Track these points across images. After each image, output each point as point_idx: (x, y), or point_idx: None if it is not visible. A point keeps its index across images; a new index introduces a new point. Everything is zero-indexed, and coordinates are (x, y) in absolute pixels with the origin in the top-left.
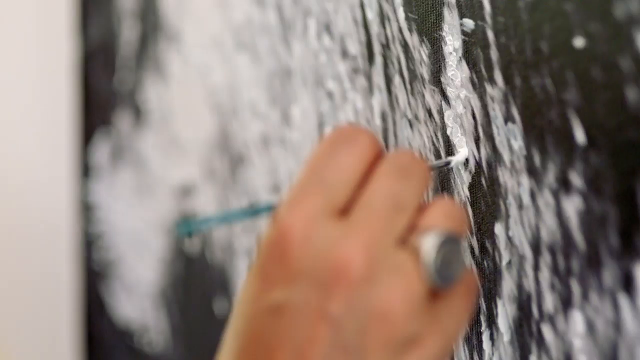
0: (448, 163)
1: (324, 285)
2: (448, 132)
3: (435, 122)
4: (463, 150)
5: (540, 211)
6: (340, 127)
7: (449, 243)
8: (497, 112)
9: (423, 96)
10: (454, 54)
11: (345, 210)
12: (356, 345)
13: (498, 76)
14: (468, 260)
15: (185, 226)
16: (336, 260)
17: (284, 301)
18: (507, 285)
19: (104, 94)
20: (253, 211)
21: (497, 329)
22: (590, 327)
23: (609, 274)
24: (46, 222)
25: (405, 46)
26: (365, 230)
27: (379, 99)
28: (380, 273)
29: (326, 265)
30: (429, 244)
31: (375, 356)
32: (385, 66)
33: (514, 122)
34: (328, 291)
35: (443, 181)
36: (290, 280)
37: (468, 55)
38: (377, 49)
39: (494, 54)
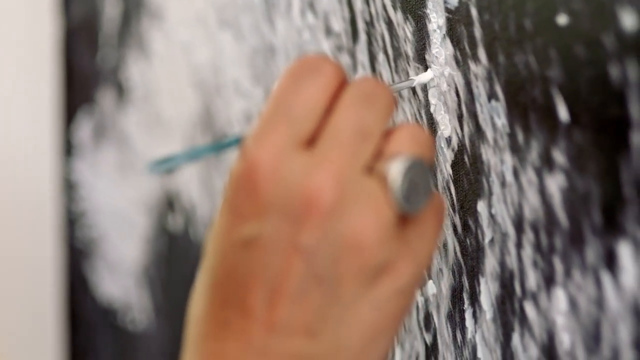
0: (411, 82)
1: (295, 217)
2: (431, 109)
3: (419, 100)
4: (428, 71)
5: (523, 189)
6: (303, 58)
7: (415, 167)
8: (480, 89)
9: (407, 74)
10: (438, 31)
11: (311, 141)
12: (329, 275)
13: (482, 54)
14: (434, 186)
15: (155, 165)
16: (305, 191)
17: (255, 235)
18: (490, 263)
19: (87, 72)
20: (220, 145)
21: (480, 306)
22: (573, 304)
23: (592, 252)
24: (29, 200)
25: (389, 24)
26: (332, 160)
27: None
28: (349, 202)
29: (296, 197)
30: (395, 170)
31: (349, 284)
32: (369, 44)
33: (497, 99)
34: (299, 223)
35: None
36: (261, 213)
37: (452, 32)
38: (361, 26)
39: (477, 31)
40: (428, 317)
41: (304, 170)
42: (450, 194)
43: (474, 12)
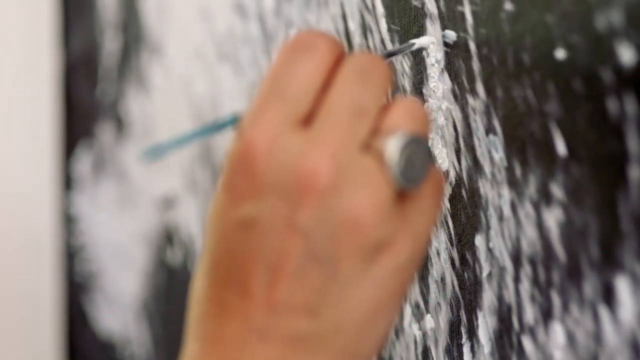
0: (411, 46)
1: (292, 197)
2: (429, 143)
3: None
4: (428, 37)
5: (521, 223)
6: (298, 34)
7: (412, 144)
8: (478, 123)
9: None
10: (436, 65)
11: (308, 119)
12: (328, 254)
13: (480, 88)
14: (434, 161)
15: (152, 150)
16: (302, 170)
17: (253, 215)
18: (488, 296)
19: (86, 106)
20: (216, 126)
21: (478, 340)
22: (571, 338)
23: (590, 286)
24: (28, 234)
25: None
26: (328, 139)
27: None
28: (347, 180)
29: (292, 177)
30: (392, 147)
31: (348, 263)
32: None
33: (495, 133)
34: (296, 202)
35: None
36: (258, 193)
37: (450, 66)
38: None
39: (475, 65)
40: (426, 352)
41: (300, 149)
42: (448, 228)
43: (472, 46)
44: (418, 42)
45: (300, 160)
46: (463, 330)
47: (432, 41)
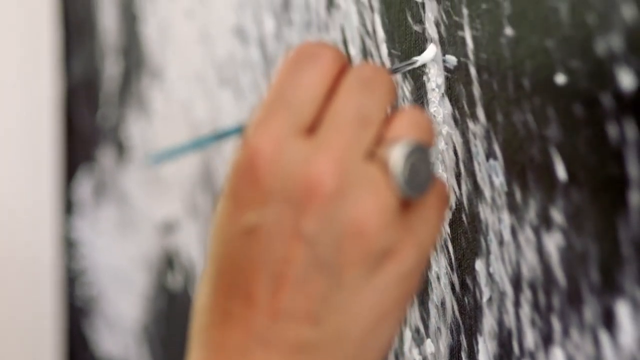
0: (414, 63)
1: (296, 204)
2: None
3: None
4: (430, 49)
5: (521, 247)
6: (302, 45)
7: (417, 152)
8: (478, 148)
9: None
10: (437, 90)
11: (312, 128)
12: (332, 261)
13: (480, 112)
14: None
15: (156, 156)
16: (306, 178)
17: (257, 223)
18: (488, 321)
19: (87, 130)
20: (221, 134)
21: None
22: None
23: (590, 311)
24: (29, 258)
25: None
26: (332, 146)
27: None
28: (351, 187)
29: (297, 184)
30: (396, 155)
31: (352, 271)
32: None
33: (495, 158)
34: (300, 209)
35: None
36: (262, 201)
37: (451, 91)
38: None
39: (476, 90)
40: None
41: (304, 157)
42: (449, 253)
43: (472, 71)
44: (420, 59)
45: (304, 167)
46: (463, 355)
47: (433, 52)
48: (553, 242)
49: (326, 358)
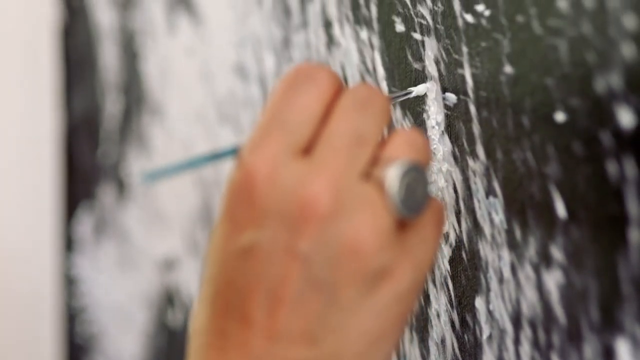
0: (409, 93)
1: (292, 224)
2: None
3: None
4: (424, 85)
5: (521, 285)
6: (298, 66)
7: (412, 172)
8: (478, 185)
9: None
10: (437, 127)
11: (308, 149)
12: (328, 281)
13: (480, 150)
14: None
15: (150, 174)
16: (302, 198)
17: (253, 243)
18: (488, 359)
19: (88, 168)
20: (216, 155)
21: None
22: None
23: (590, 349)
24: (29, 295)
25: None
26: (328, 167)
27: None
28: (347, 207)
29: (292, 204)
30: (392, 175)
31: (348, 290)
32: None
33: (495, 195)
34: (296, 229)
35: None
36: (258, 221)
37: (450, 129)
38: None
39: (476, 128)
40: None
41: (300, 177)
42: (448, 290)
43: (472, 109)
44: (416, 90)
45: (300, 187)
46: None
47: (427, 88)
48: (553, 280)
49: None
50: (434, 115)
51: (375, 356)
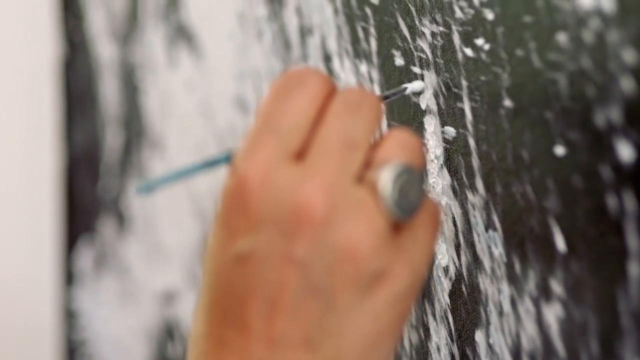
0: (403, 90)
1: (287, 230)
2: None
3: None
4: (419, 82)
5: (520, 318)
6: (289, 70)
7: (405, 174)
8: (478, 219)
9: None
10: (436, 161)
11: (301, 154)
12: (325, 286)
13: (479, 183)
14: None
15: (145, 185)
16: (296, 204)
17: (249, 250)
18: None
19: (88, 201)
20: (210, 162)
21: None
22: None
23: None
24: (29, 329)
25: None
26: (321, 172)
27: None
28: (341, 212)
29: (287, 210)
30: (385, 178)
31: (345, 294)
32: None
33: (494, 229)
34: (292, 235)
35: (423, 287)
36: (253, 228)
37: (449, 162)
38: None
39: (475, 161)
40: None
41: (294, 183)
42: (448, 324)
43: (471, 142)
44: (410, 87)
45: (294, 193)
46: None
47: (423, 87)
48: (553, 313)
49: None
50: (433, 148)
51: (374, 357)
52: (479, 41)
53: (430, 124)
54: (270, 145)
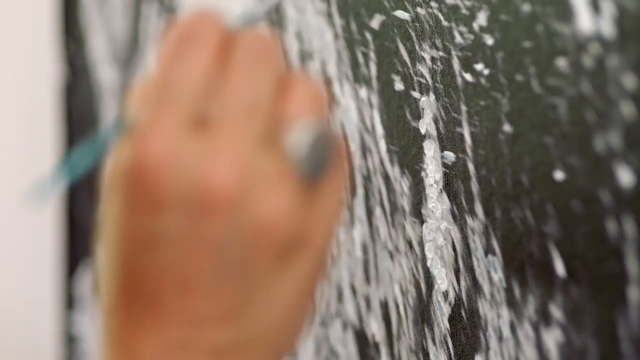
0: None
1: (197, 212)
2: (428, 264)
3: (416, 254)
4: None
5: (520, 344)
6: (180, 26)
7: (316, 133)
8: (477, 244)
9: (404, 228)
10: (435, 186)
11: (204, 120)
12: (241, 263)
13: (479, 208)
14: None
15: (39, 194)
16: (204, 184)
17: (157, 233)
18: None
19: (89, 226)
20: (103, 140)
21: None
22: None
23: None
24: (30, 353)
25: (386, 178)
26: (227, 143)
27: (360, 231)
28: (252, 186)
29: (195, 189)
30: (297, 140)
31: (262, 269)
32: (367, 198)
33: (494, 254)
34: (202, 217)
35: (423, 312)
36: (160, 209)
37: (449, 187)
38: (358, 180)
39: (474, 186)
40: None
41: (199, 158)
42: (448, 349)
43: (471, 167)
44: None
45: (200, 169)
46: None
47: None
48: (552, 338)
49: (248, 354)
50: (433, 173)
51: (295, 322)
52: (479, 66)
53: (430, 148)
54: (169, 115)
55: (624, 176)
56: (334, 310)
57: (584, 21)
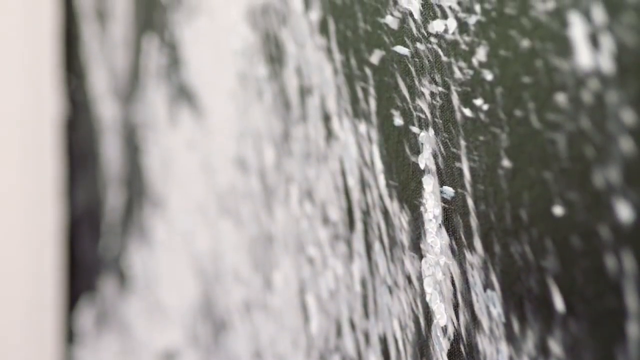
0: None
1: None
2: (427, 298)
3: (415, 289)
4: None
5: None
6: None
7: None
8: (476, 279)
9: (403, 263)
10: (434, 220)
11: None
12: None
13: (477, 243)
14: None
15: None
16: None
17: None
18: None
19: (89, 260)
20: None
21: None
22: None
23: None
24: None
25: (385, 213)
26: None
27: (359, 265)
28: None
29: None
30: None
31: None
32: (366, 232)
33: (493, 289)
34: None
35: (422, 347)
36: None
37: (448, 222)
38: (357, 215)
39: (473, 221)
40: None
41: None
42: None
43: (470, 202)
44: None
45: None
46: None
47: None
48: None
49: None
50: (432, 208)
51: None
52: (478, 101)
53: (429, 183)
54: None
55: (623, 211)
56: (333, 346)
57: (583, 57)
